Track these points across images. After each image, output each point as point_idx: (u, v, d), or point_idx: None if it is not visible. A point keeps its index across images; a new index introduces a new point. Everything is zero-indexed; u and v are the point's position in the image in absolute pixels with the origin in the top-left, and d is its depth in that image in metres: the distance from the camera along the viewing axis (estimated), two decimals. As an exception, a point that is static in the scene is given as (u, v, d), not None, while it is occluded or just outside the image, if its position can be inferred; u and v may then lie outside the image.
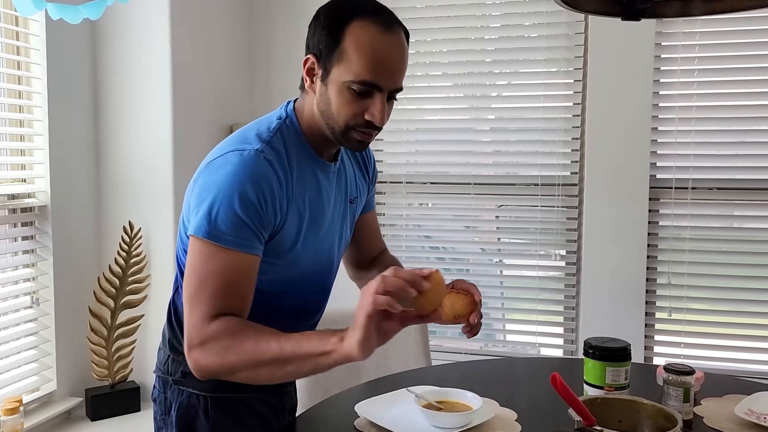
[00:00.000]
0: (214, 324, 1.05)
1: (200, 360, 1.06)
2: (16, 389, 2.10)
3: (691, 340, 2.57)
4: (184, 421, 1.24)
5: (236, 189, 1.05)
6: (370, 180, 1.39)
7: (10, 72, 2.11)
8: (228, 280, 1.07)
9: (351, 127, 1.11)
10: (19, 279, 2.16)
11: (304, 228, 1.16)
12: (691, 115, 2.52)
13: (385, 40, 1.08)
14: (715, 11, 1.32)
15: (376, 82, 1.07)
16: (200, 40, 2.48)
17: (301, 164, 1.15)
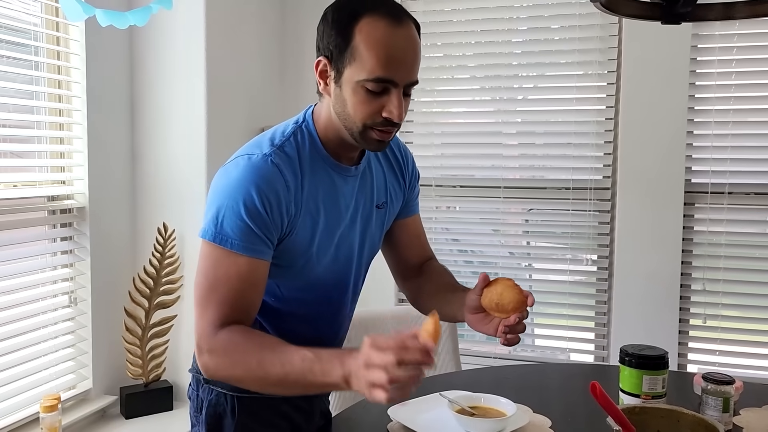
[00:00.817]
0: (222, 333, 1.07)
1: (209, 365, 1.09)
2: (54, 387, 2.14)
3: (727, 347, 2.52)
4: (213, 419, 1.27)
5: (241, 194, 1.06)
6: (406, 184, 1.36)
7: (50, 76, 2.16)
8: (235, 287, 1.08)
9: (369, 127, 1.09)
10: (57, 279, 2.20)
11: (319, 232, 1.16)
12: (728, 118, 2.47)
13: (396, 34, 1.06)
14: (757, 14, 1.30)
15: (390, 77, 1.06)
16: (234, 45, 2.51)
17: (315, 169, 1.14)
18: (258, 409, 1.28)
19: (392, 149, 1.33)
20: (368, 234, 1.28)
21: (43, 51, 2.13)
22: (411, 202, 1.40)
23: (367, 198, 1.25)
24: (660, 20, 1.39)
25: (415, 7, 2.79)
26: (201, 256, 1.12)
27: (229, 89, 2.47)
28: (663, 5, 1.37)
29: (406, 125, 2.85)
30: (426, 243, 1.46)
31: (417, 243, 1.43)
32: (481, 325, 1.27)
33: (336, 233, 1.19)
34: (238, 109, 2.49)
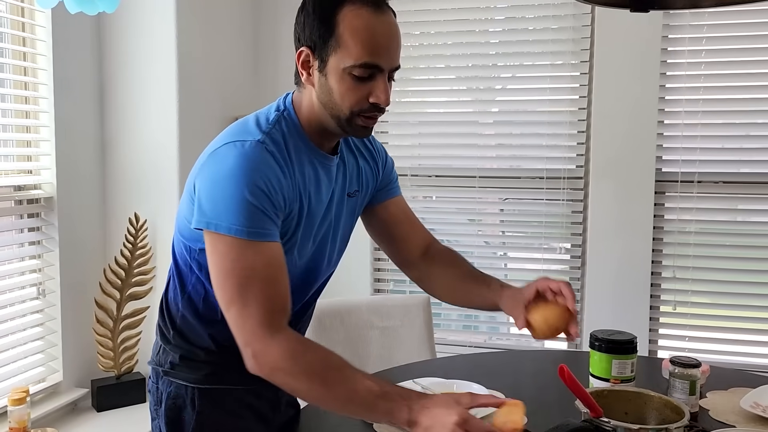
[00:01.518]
0: (277, 340, 1.04)
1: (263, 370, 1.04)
2: (23, 380, 2.11)
3: (696, 333, 2.57)
4: (173, 412, 1.25)
5: (245, 181, 1.04)
6: (380, 170, 1.36)
7: (16, 63, 2.11)
8: (267, 277, 1.06)
9: (356, 114, 1.11)
10: (25, 270, 2.16)
11: (303, 219, 1.16)
12: (697, 108, 2.51)
13: (379, 21, 1.09)
14: (723, 3, 1.31)
15: (376, 62, 1.08)
16: (206, 31, 2.47)
17: (300, 156, 1.15)
18: (220, 399, 1.26)
19: (371, 145, 1.35)
20: (341, 222, 1.28)
21: (8, 37, 2.08)
22: (390, 185, 1.39)
23: (340, 186, 1.26)
24: (629, 8, 1.40)
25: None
26: (216, 252, 1.07)
27: (201, 77, 2.44)
28: (631, -7, 1.38)
29: (381, 115, 2.84)
30: (420, 224, 1.45)
31: (407, 223, 1.41)
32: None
33: (316, 221, 1.20)
34: (210, 98, 2.46)
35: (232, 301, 1.05)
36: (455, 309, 2.94)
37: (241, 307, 1.04)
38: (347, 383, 1.02)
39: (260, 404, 1.32)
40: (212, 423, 1.25)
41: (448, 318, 2.93)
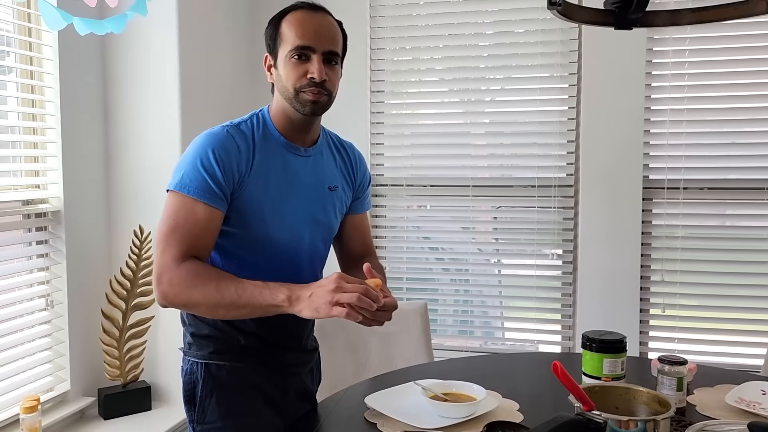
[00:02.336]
0: (184, 265, 1.27)
1: (167, 293, 1.27)
2: (32, 389, 2.15)
3: (685, 335, 2.65)
4: (188, 387, 1.42)
5: (199, 154, 1.31)
6: (356, 183, 1.58)
7: (24, 81, 2.17)
8: (192, 229, 1.29)
9: (299, 90, 1.34)
10: (33, 282, 2.21)
11: (269, 197, 1.37)
12: (682, 117, 2.60)
13: (310, 16, 1.37)
14: (702, 20, 1.40)
15: (308, 44, 1.33)
16: (206, 51, 2.55)
17: (267, 145, 1.39)
18: (226, 377, 1.42)
19: (348, 153, 1.58)
20: (321, 210, 1.48)
21: (16, 56, 2.15)
22: (361, 202, 1.62)
23: (318, 178, 1.47)
24: (613, 26, 1.48)
25: (384, 12, 2.87)
26: (165, 205, 1.33)
27: (202, 94, 2.51)
28: (615, 12, 1.47)
29: (377, 126, 2.93)
30: (368, 239, 1.66)
31: (359, 236, 1.63)
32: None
33: (287, 200, 1.40)
34: (211, 114, 2.53)
35: (159, 242, 1.30)
36: (451, 315, 3.02)
37: (164, 247, 1.28)
38: (235, 285, 1.24)
39: (267, 386, 1.45)
40: (220, 398, 1.41)
41: (444, 324, 3.00)
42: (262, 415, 1.45)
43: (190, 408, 1.43)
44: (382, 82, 2.92)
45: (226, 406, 1.41)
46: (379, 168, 2.96)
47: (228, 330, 1.42)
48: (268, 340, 1.45)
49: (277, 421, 1.48)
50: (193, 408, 1.43)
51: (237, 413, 1.42)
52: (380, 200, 2.96)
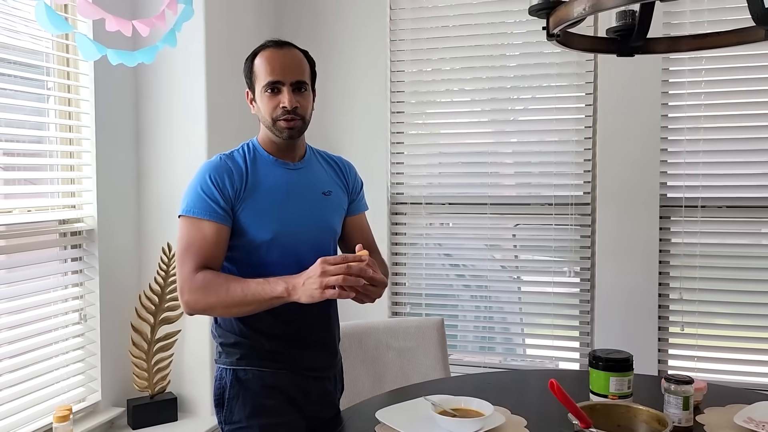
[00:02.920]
0: (198, 275, 1.47)
1: (189, 301, 1.47)
2: (65, 399, 2.26)
3: (704, 353, 2.64)
4: (218, 392, 1.58)
5: (200, 179, 1.52)
6: (349, 186, 1.75)
7: (62, 108, 2.30)
8: (202, 245, 1.49)
9: (275, 119, 1.55)
10: (68, 297, 2.33)
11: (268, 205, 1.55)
12: (699, 136, 2.61)
13: (276, 53, 1.56)
14: (701, 47, 1.44)
15: (277, 78, 1.53)
16: (231, 79, 2.63)
17: (259, 164, 1.59)
18: (251, 380, 1.57)
19: (337, 163, 1.76)
20: (320, 213, 1.65)
21: (55, 85, 2.29)
22: (357, 203, 1.78)
23: (312, 185, 1.65)
24: (615, 53, 1.53)
25: (403, 36, 2.96)
26: (178, 228, 1.53)
27: (227, 120, 2.62)
28: (618, 40, 1.52)
29: (397, 146, 3.00)
30: (369, 237, 1.80)
31: (360, 235, 1.76)
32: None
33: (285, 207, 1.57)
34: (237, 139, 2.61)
35: (177, 259, 1.52)
36: (472, 331, 3.05)
37: (181, 264, 1.49)
38: (241, 286, 1.43)
39: (290, 389, 1.59)
40: (246, 400, 1.55)
41: (464, 339, 3.03)
42: (285, 415, 1.58)
43: (219, 410, 1.59)
44: (402, 104, 3.00)
45: (251, 407, 1.55)
46: (399, 186, 3.03)
47: (253, 336, 1.57)
48: (292, 340, 1.59)
49: (299, 423, 1.60)
50: (221, 409, 1.57)
51: (261, 413, 1.55)
52: (400, 218, 3.03)
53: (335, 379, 1.74)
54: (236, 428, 1.56)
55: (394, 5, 2.97)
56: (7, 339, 2.07)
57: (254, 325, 1.56)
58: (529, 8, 1.35)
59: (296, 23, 3.06)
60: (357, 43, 2.98)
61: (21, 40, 2.16)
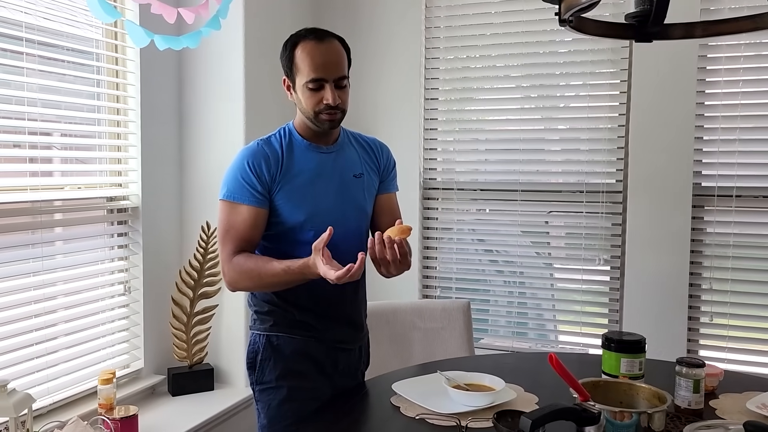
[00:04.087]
0: (236, 258, 1.60)
1: (230, 281, 1.62)
2: (110, 365, 2.41)
3: (734, 344, 2.61)
4: (251, 356, 1.71)
5: (238, 165, 1.62)
6: (380, 167, 1.81)
7: (110, 92, 2.45)
8: (240, 228, 1.61)
9: (318, 113, 1.60)
10: (114, 270, 2.49)
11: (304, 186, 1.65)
12: (735, 124, 2.56)
13: (319, 47, 1.58)
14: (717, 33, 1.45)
15: (320, 77, 1.57)
16: (269, 64, 2.73)
17: (294, 149, 1.67)
18: (282, 346, 1.68)
19: (369, 144, 1.82)
20: (349, 194, 1.72)
21: (104, 70, 2.43)
22: (388, 183, 1.84)
23: (344, 168, 1.72)
24: (633, 39, 1.55)
25: (438, 23, 3.00)
26: (219, 212, 1.65)
27: (265, 102, 2.72)
28: (635, 26, 1.53)
29: (429, 132, 3.05)
30: (398, 216, 1.83)
31: (389, 213, 1.82)
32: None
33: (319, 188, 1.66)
34: (273, 122, 2.72)
35: (219, 241, 1.65)
36: (504, 316, 3.09)
37: (222, 246, 1.63)
38: (271, 268, 1.56)
39: (318, 356, 1.70)
40: (277, 362, 1.67)
41: (496, 324, 3.07)
42: (313, 381, 1.69)
43: (251, 372, 1.71)
44: (436, 90, 3.04)
45: (282, 369, 1.68)
46: (432, 172, 3.08)
47: (284, 306, 1.69)
48: (320, 314, 1.70)
49: (325, 388, 1.71)
50: (253, 371, 1.70)
51: (290, 375, 1.68)
52: (432, 203, 3.08)
53: (360, 352, 1.84)
54: (266, 387, 1.68)
55: (430, -7, 3.01)
56: (58, 306, 2.24)
57: (286, 297, 1.67)
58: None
59: (332, 6, 3.13)
60: (392, 27, 3.03)
61: (76, 27, 2.30)
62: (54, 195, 2.22)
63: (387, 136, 2.99)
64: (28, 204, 2.10)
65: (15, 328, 2.07)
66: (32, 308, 2.12)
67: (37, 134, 2.12)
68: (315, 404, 1.65)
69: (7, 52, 2.03)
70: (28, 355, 2.11)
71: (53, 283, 2.21)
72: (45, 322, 2.16)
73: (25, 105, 2.08)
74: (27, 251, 2.12)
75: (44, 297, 2.16)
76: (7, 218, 2.04)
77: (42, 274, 2.15)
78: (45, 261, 2.16)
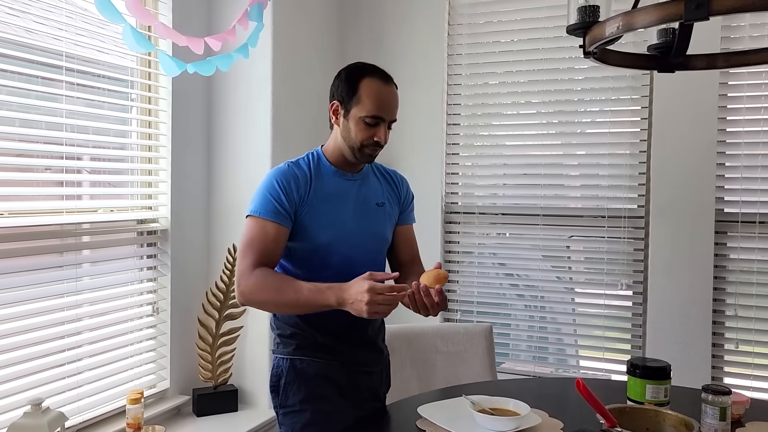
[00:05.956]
0: (256, 271, 1.59)
1: (244, 291, 1.60)
2: (137, 384, 2.45)
3: (760, 372, 2.58)
4: (274, 380, 1.72)
5: (268, 184, 1.65)
6: (401, 198, 1.87)
7: (142, 118, 2.53)
8: (263, 242, 1.62)
9: (364, 146, 1.67)
10: (143, 291, 2.54)
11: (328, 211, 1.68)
12: (758, 151, 2.57)
13: (385, 89, 1.67)
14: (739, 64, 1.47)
15: (381, 115, 1.65)
16: (296, 93, 2.82)
17: (322, 174, 1.71)
18: (305, 369, 1.70)
19: (391, 176, 1.88)
20: (372, 221, 1.77)
21: (138, 97, 2.51)
22: (407, 215, 1.90)
23: (367, 196, 1.77)
24: (655, 69, 1.58)
25: (460, 50, 3.05)
26: (244, 227, 1.66)
27: (290, 129, 2.79)
28: (657, 57, 1.57)
29: (451, 158, 3.10)
30: (415, 248, 1.92)
31: (406, 245, 1.89)
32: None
33: (342, 214, 1.70)
34: (298, 146, 2.79)
35: (239, 254, 1.65)
36: (525, 340, 3.08)
37: (242, 258, 1.62)
38: (294, 289, 1.54)
39: (341, 379, 1.72)
40: (301, 386, 1.69)
41: (517, 348, 3.07)
42: (336, 404, 1.71)
43: (275, 396, 1.73)
44: (458, 116, 3.09)
45: (305, 393, 1.70)
46: (453, 196, 3.12)
47: (307, 329, 1.71)
48: (342, 337, 1.72)
49: (348, 412, 1.72)
50: (277, 395, 1.73)
51: (314, 399, 1.70)
52: (454, 227, 3.11)
53: (381, 374, 1.86)
54: (290, 411, 1.70)
55: (452, 21, 3.07)
56: (89, 326, 2.29)
57: (308, 319, 1.70)
58: (567, 27, 1.42)
59: (358, 35, 3.21)
60: (415, 56, 3.10)
61: (110, 54, 2.39)
62: (86, 218, 2.29)
63: (410, 160, 3.06)
64: (60, 226, 2.16)
65: (48, 347, 2.12)
66: (64, 328, 2.18)
67: (74, 158, 2.20)
68: (339, 427, 1.67)
69: (45, 79, 2.12)
70: (60, 375, 2.16)
71: (84, 304, 2.27)
72: (76, 342, 2.21)
73: (64, 131, 2.15)
74: (60, 273, 2.18)
75: (75, 317, 2.22)
76: (42, 240, 2.11)
77: (73, 295, 2.21)
78: (77, 282, 2.22)
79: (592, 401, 1.27)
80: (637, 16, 1.22)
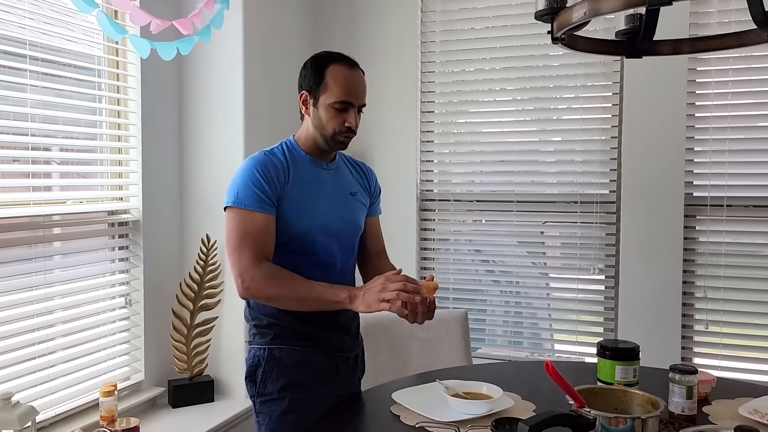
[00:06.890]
0: (263, 265, 1.59)
1: (251, 287, 1.59)
2: (111, 377, 2.43)
3: (728, 352, 2.64)
4: (251, 370, 1.71)
5: (248, 173, 1.63)
6: (370, 189, 1.90)
7: (111, 107, 2.49)
8: (257, 234, 1.61)
9: (336, 133, 1.67)
10: (115, 283, 2.51)
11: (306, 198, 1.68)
12: (725, 135, 2.62)
13: (351, 74, 1.68)
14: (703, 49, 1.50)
15: (349, 100, 1.66)
16: (269, 77, 2.80)
17: (298, 162, 1.71)
18: (283, 357, 1.70)
19: (361, 167, 1.91)
20: (347, 209, 1.79)
21: (105, 85, 2.47)
22: (375, 206, 1.93)
23: (341, 185, 1.79)
24: (623, 55, 1.60)
25: (434, 38, 3.05)
26: (227, 220, 1.64)
27: (264, 116, 2.77)
28: (625, 42, 1.58)
29: (426, 145, 3.10)
30: (381, 239, 1.95)
31: (373, 235, 1.92)
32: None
33: (319, 201, 1.71)
34: (272, 133, 2.77)
35: (233, 249, 1.61)
36: (500, 326, 3.12)
37: (239, 253, 1.60)
38: (306, 285, 1.58)
39: (320, 365, 1.73)
40: (280, 374, 1.69)
41: (493, 333, 3.10)
42: (315, 392, 1.72)
43: (251, 385, 1.72)
44: (432, 103, 3.09)
45: (284, 381, 1.69)
46: (428, 184, 3.13)
47: (284, 318, 1.70)
48: (319, 323, 1.72)
49: (326, 399, 1.73)
50: (254, 384, 1.71)
51: (293, 387, 1.70)
52: (429, 214, 3.12)
53: (357, 359, 1.87)
54: (268, 399, 1.70)
55: (425, 8, 3.06)
56: (60, 319, 2.26)
57: (285, 309, 1.69)
58: (535, 13, 1.43)
59: (331, 20, 3.19)
60: (388, 42, 3.09)
61: (77, 43, 2.34)
62: (56, 209, 2.25)
63: (384, 148, 3.06)
64: (29, 218, 2.12)
65: (18, 341, 2.09)
66: (35, 321, 2.14)
67: (39, 149, 2.16)
68: (316, 415, 1.68)
69: (10, 69, 2.07)
70: (31, 368, 2.13)
71: (55, 297, 2.24)
72: (47, 335, 2.18)
73: (28, 121, 2.11)
74: (29, 265, 2.14)
75: (46, 310, 2.18)
76: (10, 233, 2.07)
77: (44, 288, 2.17)
78: (47, 275, 2.19)
79: (561, 383, 1.29)
80: (603, 1, 1.23)
